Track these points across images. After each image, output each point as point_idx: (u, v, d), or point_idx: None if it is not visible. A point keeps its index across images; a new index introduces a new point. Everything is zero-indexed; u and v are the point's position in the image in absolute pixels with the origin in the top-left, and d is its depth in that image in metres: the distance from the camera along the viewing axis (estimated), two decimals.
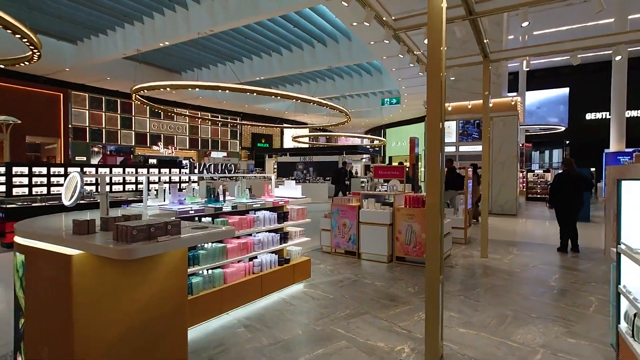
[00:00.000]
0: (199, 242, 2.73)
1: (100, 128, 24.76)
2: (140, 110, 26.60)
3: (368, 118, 33.68)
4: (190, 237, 2.32)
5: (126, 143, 25.96)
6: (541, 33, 19.53)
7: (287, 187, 5.34)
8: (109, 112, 25.19)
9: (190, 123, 29.23)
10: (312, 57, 21.15)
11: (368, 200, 6.57)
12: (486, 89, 6.77)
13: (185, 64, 23.68)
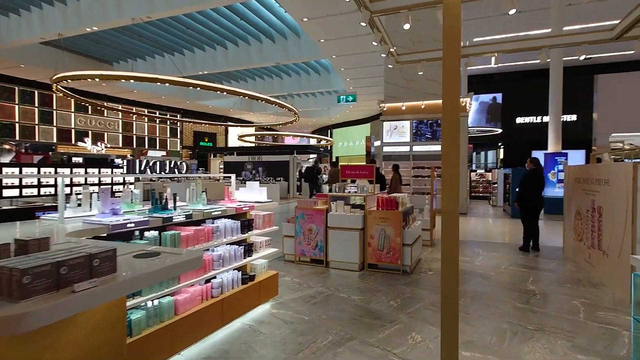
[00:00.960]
0: (148, 284, 1.84)
1: (13, 122, 21.53)
2: (63, 103, 23.61)
3: (315, 118, 33.25)
4: (133, 279, 1.45)
5: (46, 140, 22.89)
6: (480, 39, 20.37)
7: (249, 189, 4.49)
8: (24, 104, 22.01)
9: (124, 119, 26.60)
10: (259, 52, 20.14)
11: (337, 203, 5.91)
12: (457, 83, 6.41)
13: (117, 53, 21.40)
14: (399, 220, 5.52)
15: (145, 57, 22.24)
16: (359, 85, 21.99)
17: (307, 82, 25.13)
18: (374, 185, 6.24)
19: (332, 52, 17.78)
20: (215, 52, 20.75)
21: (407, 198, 6.21)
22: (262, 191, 4.46)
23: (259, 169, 17.94)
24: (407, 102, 12.64)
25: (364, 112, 31.62)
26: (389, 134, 12.93)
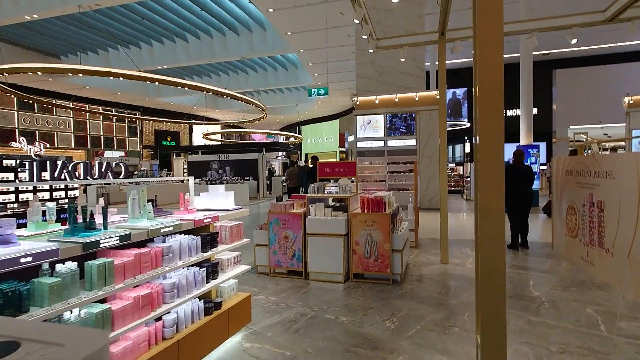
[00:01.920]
0: None
1: None
2: (4, 100, 21.30)
3: (283, 115, 32.27)
4: None
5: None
6: None
7: (212, 194, 3.61)
8: None
9: (77, 118, 24.45)
10: (222, 46, 18.95)
11: (316, 206, 5.13)
12: (443, 71, 5.82)
13: (66, 46, 19.49)
14: (387, 224, 4.82)
15: (98, 51, 20.46)
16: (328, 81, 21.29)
17: (274, 78, 24.15)
18: (356, 184, 5.51)
19: (299, 45, 16.93)
20: (175, 45, 19.35)
21: (392, 197, 5.53)
22: (229, 196, 3.60)
23: (225, 168, 16.81)
24: (380, 96, 12.03)
25: (333, 108, 31.00)
26: (362, 129, 12.29)
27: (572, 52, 22.52)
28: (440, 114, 5.92)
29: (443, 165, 6.02)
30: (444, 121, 5.90)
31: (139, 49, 19.77)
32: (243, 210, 3.66)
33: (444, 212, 5.84)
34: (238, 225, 3.57)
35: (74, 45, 19.21)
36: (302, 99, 28.40)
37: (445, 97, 5.91)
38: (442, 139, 5.88)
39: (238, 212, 3.56)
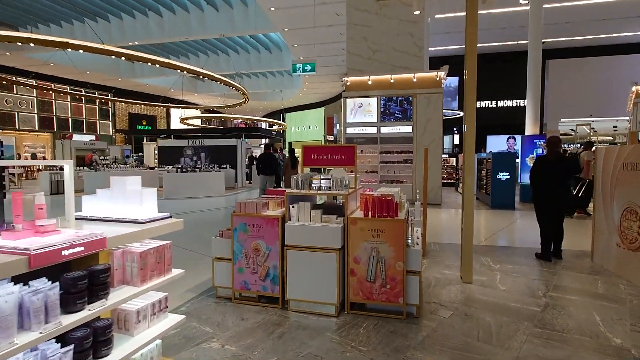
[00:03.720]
0: None
1: None
2: None
3: (267, 101, 30.32)
4: None
5: None
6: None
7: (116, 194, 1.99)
8: None
9: (40, 97, 21.96)
10: (200, 22, 16.93)
11: (299, 207, 3.56)
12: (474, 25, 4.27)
13: (24, 16, 17.02)
14: (400, 234, 3.29)
15: (61, 23, 18.06)
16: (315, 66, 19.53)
17: (257, 61, 22.21)
18: (355, 176, 3.95)
19: (283, 23, 15.09)
20: (148, 19, 17.21)
21: (403, 195, 4.00)
22: (146, 197, 1.98)
23: (200, 155, 14.99)
24: (374, 76, 10.46)
25: (319, 95, 29.29)
26: (352, 114, 10.72)
27: (565, 42, 21.40)
28: (467, 89, 4.38)
29: (469, 156, 4.51)
30: (472, 99, 4.38)
31: (107, 22, 17.53)
32: (171, 222, 2.06)
33: (468, 215, 4.35)
34: (160, 250, 1.97)
35: (33, 15, 16.81)
36: (286, 84, 26.55)
37: (475, 63, 4.38)
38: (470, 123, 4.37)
39: (160, 227, 1.96)
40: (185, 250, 5.63)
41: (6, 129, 20.52)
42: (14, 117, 20.82)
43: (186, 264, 5.03)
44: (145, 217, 1.93)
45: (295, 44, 17.84)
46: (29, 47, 17.97)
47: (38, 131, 22.01)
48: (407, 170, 10.41)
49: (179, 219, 2.11)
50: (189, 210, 9.46)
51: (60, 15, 17.06)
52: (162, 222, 2.00)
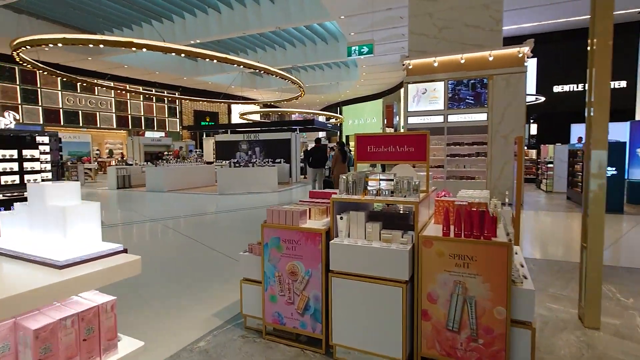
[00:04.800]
0: None
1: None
2: (48, 81, 20.47)
3: (323, 94, 29.48)
4: None
5: (32, 121, 19.88)
6: None
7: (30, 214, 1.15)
8: (4, 82, 18.93)
9: (117, 98, 23.36)
10: (256, 15, 16.46)
11: (349, 217, 2.54)
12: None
13: (99, 23, 17.91)
14: (502, 264, 2.13)
15: (132, 26, 18.74)
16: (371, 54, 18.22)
17: (313, 53, 21.39)
18: (427, 176, 2.82)
19: (339, 11, 13.99)
20: (208, 16, 17.16)
21: (495, 200, 2.78)
22: (77, 218, 1.11)
23: (255, 149, 14.58)
24: (440, 57, 9.00)
25: (376, 87, 27.77)
26: (415, 101, 9.37)
27: None
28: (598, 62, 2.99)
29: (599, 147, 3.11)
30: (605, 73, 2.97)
31: (172, 22, 17.83)
32: (119, 263, 1.16)
33: (596, 231, 2.98)
34: (88, 318, 1.08)
35: (108, 21, 17.62)
36: (343, 76, 25.45)
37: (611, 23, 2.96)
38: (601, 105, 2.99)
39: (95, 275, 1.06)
40: (223, 255, 4.92)
41: (90, 128, 22.13)
42: (95, 117, 22.36)
43: (221, 275, 4.33)
44: (66, 258, 1.06)
45: (352, 32, 16.67)
46: (106, 51, 19.00)
47: (116, 129, 23.47)
48: (479, 164, 8.85)
49: (134, 256, 1.21)
50: (238, 208, 8.91)
51: (131, 19, 17.66)
52: (100, 265, 1.11)
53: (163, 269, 4.41)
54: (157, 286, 3.85)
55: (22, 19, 15.66)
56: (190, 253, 5.11)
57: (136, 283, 3.93)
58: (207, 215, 8.11)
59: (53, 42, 12.08)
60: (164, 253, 5.13)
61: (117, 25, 18.36)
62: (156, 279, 4.07)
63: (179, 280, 4.05)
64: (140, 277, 4.09)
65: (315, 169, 10.27)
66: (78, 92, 21.65)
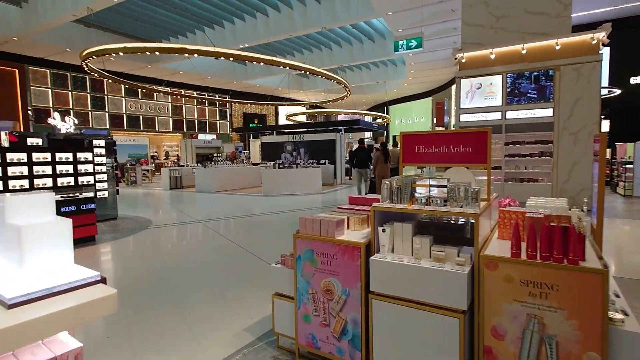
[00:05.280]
0: None
1: (67, 109, 20.31)
2: (114, 88, 22.07)
3: (370, 94, 28.85)
4: None
5: (99, 126, 21.55)
6: None
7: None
8: (77, 90, 20.68)
9: (174, 102, 24.63)
10: (302, 16, 16.40)
11: (393, 229, 2.15)
12: None
13: (156, 31, 18.94)
14: (595, 298, 1.63)
15: (186, 34, 19.58)
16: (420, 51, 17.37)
17: (360, 52, 20.93)
18: (489, 181, 2.34)
19: (387, 7, 13.45)
20: (256, 20, 17.41)
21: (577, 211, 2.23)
22: (37, 240, 0.86)
23: (300, 150, 14.47)
24: (497, 48, 8.18)
25: (425, 85, 26.61)
26: (469, 97, 8.61)
27: None
28: None
29: None
30: None
31: (222, 28, 18.35)
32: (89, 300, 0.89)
33: None
34: None
35: (163, 29, 18.57)
36: (390, 74, 24.68)
37: None
38: None
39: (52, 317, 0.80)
40: (261, 261, 4.72)
41: (149, 131, 23.55)
42: (154, 121, 23.74)
43: (257, 282, 3.87)
44: (16, 293, 0.81)
45: (400, 29, 16.02)
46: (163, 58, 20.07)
47: (172, 132, 24.75)
48: (543, 165, 7.90)
49: (110, 290, 0.94)
50: (281, 210, 8.76)
51: (185, 27, 18.45)
52: (65, 301, 0.85)
53: (198, 274, 4.30)
54: (189, 292, 3.71)
55: (91, 32, 16.93)
56: (227, 257, 4.98)
57: (168, 287, 3.83)
58: (249, 217, 8.06)
59: (115, 51, 12.87)
60: (201, 256, 5.04)
61: (173, 33, 19.27)
62: (189, 284, 3.95)
63: (212, 285, 3.89)
64: (173, 280, 3.98)
65: (359, 170, 10.07)
66: (139, 98, 23.10)
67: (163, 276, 4.15)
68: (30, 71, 18.98)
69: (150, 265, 4.54)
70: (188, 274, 4.26)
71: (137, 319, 3.12)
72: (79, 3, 13.46)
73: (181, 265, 4.56)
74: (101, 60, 17.61)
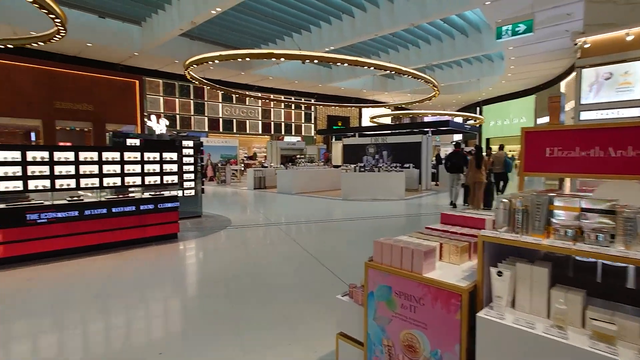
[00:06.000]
0: None
1: (174, 114, 22.65)
2: (212, 95, 23.98)
3: (460, 93, 26.51)
4: None
5: (199, 129, 23.59)
6: None
7: None
8: (182, 97, 22.94)
9: (263, 107, 25.84)
10: (389, 14, 15.58)
11: (517, 274, 1.40)
12: None
13: (249, 40, 19.93)
14: None
15: (276, 40, 20.25)
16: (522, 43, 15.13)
17: (451, 49, 19.24)
18: None
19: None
20: (342, 22, 17.13)
21: None
22: None
23: (383, 152, 13.64)
24: (636, 28, 6.41)
25: (525, 82, 23.51)
26: (593, 90, 6.93)
27: None
28: None
29: None
30: None
31: (309, 33, 18.50)
32: None
33: None
34: None
35: (254, 37, 19.43)
36: (485, 71, 22.29)
37: None
38: None
39: None
40: (332, 275, 4.18)
41: (241, 134, 25.08)
42: (245, 124, 25.18)
43: (325, 302, 3.19)
44: None
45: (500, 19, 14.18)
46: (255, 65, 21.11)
47: (261, 135, 25.97)
48: None
49: None
50: (360, 216, 8.15)
51: (275, 34, 19.06)
52: None
53: (265, 286, 3.92)
54: (251, 308, 3.33)
55: (194, 45, 18.50)
56: (299, 268, 4.55)
57: (229, 299, 3.52)
58: (325, 222, 7.63)
59: (211, 59, 13.75)
60: (271, 265, 4.69)
61: (264, 41, 20.07)
62: (253, 298, 3.56)
63: (272, 301, 3.46)
64: (236, 293, 3.53)
65: (453, 175, 9.37)
66: (233, 103, 24.70)
67: (227, 287, 3.87)
68: (146, 81, 21.54)
69: (218, 273, 4.32)
70: (254, 286, 3.92)
71: (193, 339, 2.84)
72: (185, 17, 14.70)
73: (249, 275, 4.26)
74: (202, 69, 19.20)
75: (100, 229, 4.82)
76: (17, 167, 4.18)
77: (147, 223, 5.20)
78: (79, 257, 4.67)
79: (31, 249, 4.37)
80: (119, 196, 5.08)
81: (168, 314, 3.34)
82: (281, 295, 3.63)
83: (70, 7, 14.94)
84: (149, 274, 4.26)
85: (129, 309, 3.31)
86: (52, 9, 8.30)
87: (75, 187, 4.56)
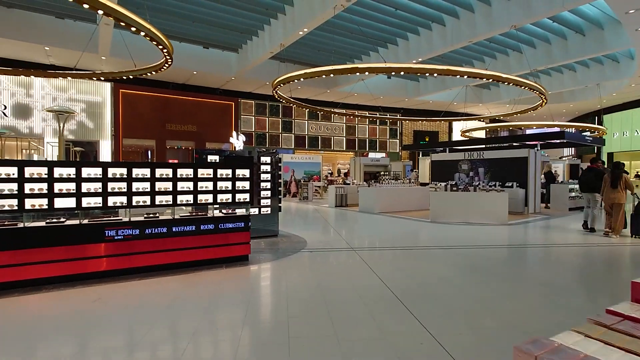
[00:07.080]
0: None
1: (264, 132, 23.72)
2: (299, 113, 24.55)
3: (573, 102, 22.54)
4: None
5: (287, 146, 24.26)
6: None
7: None
8: (272, 116, 23.94)
9: (347, 123, 25.55)
10: (486, 18, 13.92)
11: None
12: None
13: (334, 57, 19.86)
14: None
15: (361, 57, 19.85)
16: None
17: (562, 51, 16.41)
18: None
19: None
20: (431, 32, 15.92)
21: None
22: None
23: (478, 170, 11.84)
24: None
25: None
26: None
27: None
28: None
29: None
30: None
31: (395, 46, 17.65)
32: None
33: None
34: None
35: (341, 54, 19.29)
36: (607, 74, 18.53)
37: None
38: None
39: None
40: (423, 330, 3.16)
41: (326, 150, 25.11)
42: (330, 141, 25.14)
43: None
44: None
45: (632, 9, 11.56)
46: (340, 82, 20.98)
47: (345, 151, 25.63)
48: None
49: None
50: (452, 244, 6.82)
51: (360, 50, 18.67)
52: None
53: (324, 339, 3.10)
54: None
55: (282, 66, 19.11)
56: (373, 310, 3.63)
57: None
58: (411, 249, 6.54)
59: (297, 77, 13.79)
60: (340, 310, 3.61)
61: (349, 58, 19.83)
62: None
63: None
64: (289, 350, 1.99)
65: (586, 195, 8.35)
66: (319, 120, 24.91)
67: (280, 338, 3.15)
68: (241, 103, 22.99)
69: (277, 314, 3.53)
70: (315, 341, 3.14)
71: None
72: (275, 41, 15.19)
73: (311, 322, 3.38)
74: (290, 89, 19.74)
75: (165, 249, 4.57)
76: (98, 183, 4.20)
77: (215, 244, 4.85)
78: (142, 277, 4.43)
79: (108, 265, 4.32)
80: (192, 214, 4.86)
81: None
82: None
83: (180, 41, 16.70)
84: (213, 304, 3.82)
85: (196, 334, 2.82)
86: (160, 40, 9.06)
87: (150, 204, 4.44)
